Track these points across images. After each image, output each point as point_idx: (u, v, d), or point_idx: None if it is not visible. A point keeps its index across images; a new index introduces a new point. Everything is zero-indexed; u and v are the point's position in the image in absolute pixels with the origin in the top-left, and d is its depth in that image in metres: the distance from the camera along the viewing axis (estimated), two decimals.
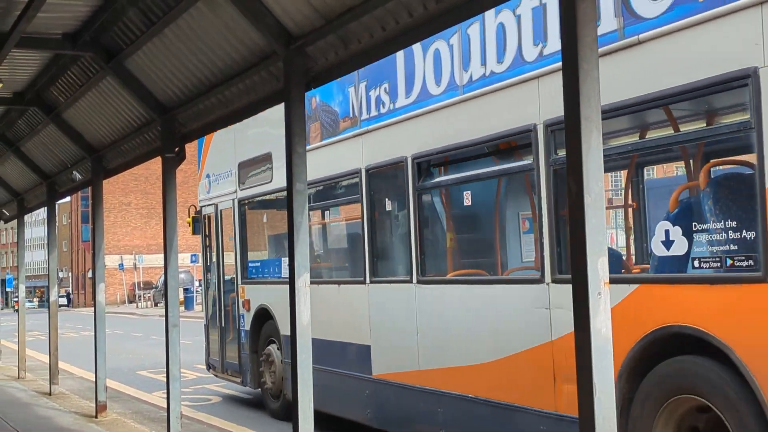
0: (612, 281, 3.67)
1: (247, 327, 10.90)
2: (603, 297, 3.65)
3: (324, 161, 9.03)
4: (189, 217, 13.41)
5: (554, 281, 6.05)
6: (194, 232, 13.13)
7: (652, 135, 6.26)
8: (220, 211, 11.86)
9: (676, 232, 5.34)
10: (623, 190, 7.19)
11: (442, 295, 7.44)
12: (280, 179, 9.42)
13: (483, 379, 6.57)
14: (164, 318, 8.48)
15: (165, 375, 8.54)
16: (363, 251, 8.46)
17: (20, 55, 8.99)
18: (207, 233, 12.34)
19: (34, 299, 75.58)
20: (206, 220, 12.37)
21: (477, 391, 6.78)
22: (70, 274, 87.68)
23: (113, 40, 8.17)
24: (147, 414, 10.95)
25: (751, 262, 4.80)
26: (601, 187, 3.74)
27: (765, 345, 4.60)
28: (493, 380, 6.58)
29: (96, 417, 10.49)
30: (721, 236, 5.04)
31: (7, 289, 66.93)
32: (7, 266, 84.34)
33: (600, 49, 3.99)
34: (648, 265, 6.06)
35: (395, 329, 8.00)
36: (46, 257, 20.33)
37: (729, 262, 4.98)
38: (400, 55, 7.75)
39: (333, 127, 9.07)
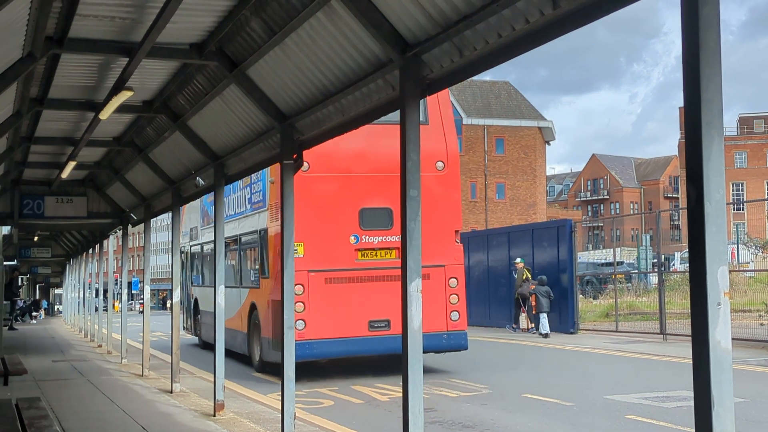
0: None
1: (192, 307, 23.58)
2: (723, 307, 3.51)
3: (207, 234, 20.50)
4: None
5: (243, 287, 17.73)
6: None
7: (245, 244, 18.12)
8: (187, 251, 24.37)
9: (254, 271, 17.68)
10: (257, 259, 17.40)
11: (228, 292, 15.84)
12: (201, 239, 22.14)
13: (234, 322, 16.23)
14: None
15: (280, 378, 8.73)
16: (215, 273, 18.44)
17: (150, 65, 9.40)
18: (183, 262, 24.72)
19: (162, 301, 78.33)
20: (184, 256, 24.60)
21: (237, 327, 17.36)
22: None
23: (237, 50, 8.45)
24: (262, 414, 11.20)
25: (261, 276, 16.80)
26: (722, 194, 3.58)
27: (260, 306, 16.51)
28: (234, 322, 17.23)
29: (214, 415, 10.83)
30: (253, 272, 17.56)
31: (133, 291, 69.68)
32: (133, 269, 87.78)
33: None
34: (252, 284, 16.52)
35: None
36: (169, 261, 26.34)
37: (252, 278, 17.61)
38: (228, 188, 17.18)
39: (209, 221, 20.14)
